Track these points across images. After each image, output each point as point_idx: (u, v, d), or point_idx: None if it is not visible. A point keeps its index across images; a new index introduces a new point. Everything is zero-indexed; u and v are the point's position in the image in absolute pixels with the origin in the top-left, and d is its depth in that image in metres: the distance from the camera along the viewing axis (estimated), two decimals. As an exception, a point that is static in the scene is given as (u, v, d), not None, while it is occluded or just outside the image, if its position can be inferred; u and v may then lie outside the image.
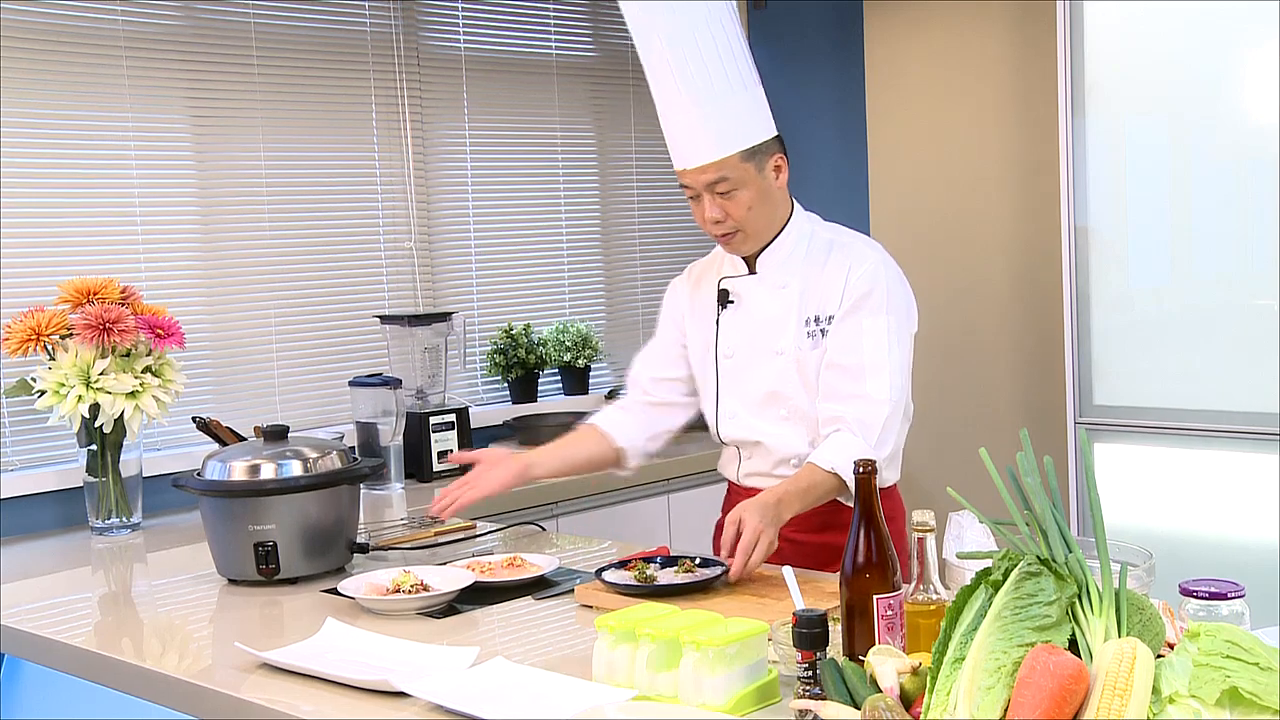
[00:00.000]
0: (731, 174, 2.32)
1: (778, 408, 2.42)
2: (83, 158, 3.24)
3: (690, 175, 2.34)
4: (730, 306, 2.47)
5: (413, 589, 2.18)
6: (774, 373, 2.41)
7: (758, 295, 2.44)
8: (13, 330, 2.92)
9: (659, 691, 1.63)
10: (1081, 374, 3.39)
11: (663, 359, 2.60)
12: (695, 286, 2.57)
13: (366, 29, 3.76)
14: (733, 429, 2.48)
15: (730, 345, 2.46)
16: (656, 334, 2.64)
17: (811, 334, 2.39)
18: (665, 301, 2.64)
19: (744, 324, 2.45)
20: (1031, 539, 1.45)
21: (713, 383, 2.50)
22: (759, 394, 2.43)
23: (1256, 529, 3.10)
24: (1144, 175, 3.31)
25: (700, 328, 2.53)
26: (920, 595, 1.66)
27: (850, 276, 2.37)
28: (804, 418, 2.40)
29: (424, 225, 3.88)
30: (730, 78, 2.33)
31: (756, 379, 2.44)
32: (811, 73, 4.54)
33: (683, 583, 2.14)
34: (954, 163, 4.00)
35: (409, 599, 2.15)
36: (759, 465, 2.48)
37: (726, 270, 2.50)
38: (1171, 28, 3.21)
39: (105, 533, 2.99)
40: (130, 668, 2.01)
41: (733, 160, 2.31)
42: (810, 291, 2.40)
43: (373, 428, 3.42)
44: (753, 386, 2.44)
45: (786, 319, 2.40)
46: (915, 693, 1.44)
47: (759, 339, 2.43)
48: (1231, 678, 1.26)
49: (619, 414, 2.60)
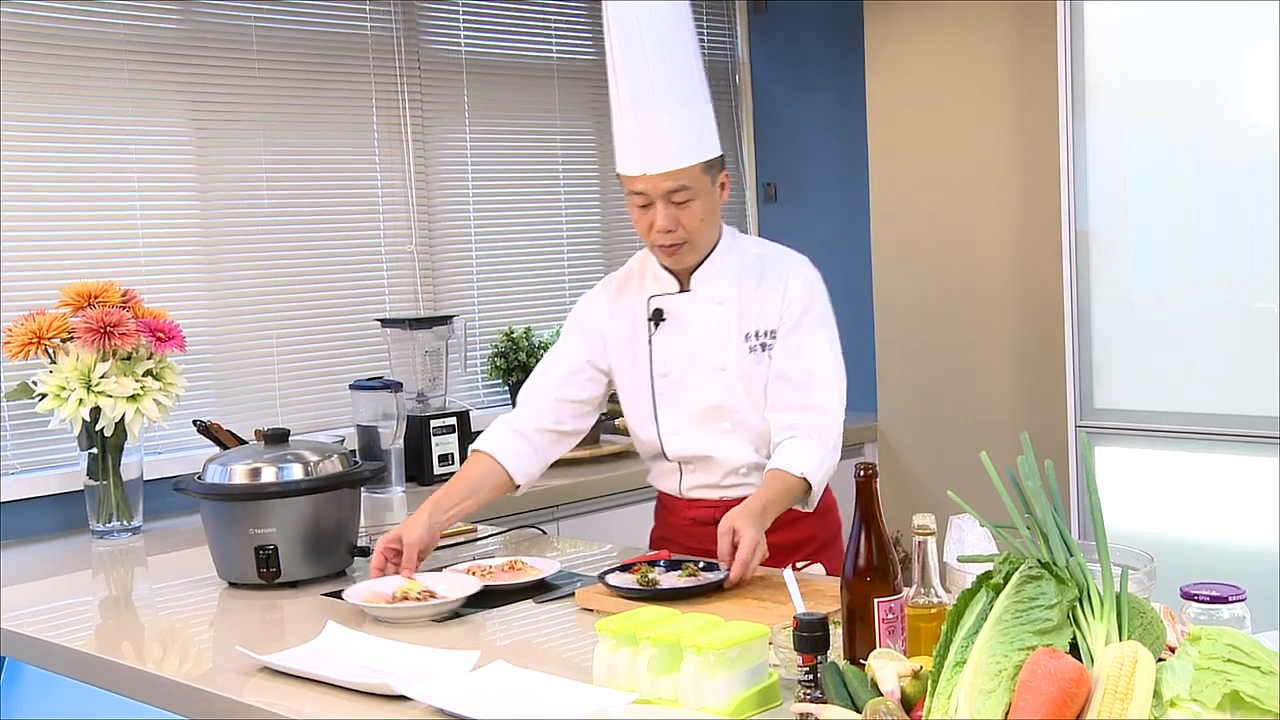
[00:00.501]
0: (693, 183, 2.32)
1: (721, 421, 2.44)
2: (84, 161, 3.24)
3: (650, 181, 2.31)
4: (664, 324, 2.45)
5: (421, 596, 2.17)
6: (717, 388, 2.42)
7: (693, 312, 2.43)
8: (14, 334, 2.92)
9: (660, 695, 1.63)
10: (1082, 377, 3.39)
11: (572, 380, 2.50)
12: (614, 303, 2.52)
13: (367, 32, 3.76)
14: (679, 445, 2.47)
15: (666, 363, 2.45)
16: (562, 351, 2.53)
17: (753, 349, 2.41)
18: (577, 318, 2.55)
19: (681, 341, 2.44)
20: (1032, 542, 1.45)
21: (648, 401, 2.48)
22: (699, 409, 2.44)
23: (1257, 532, 3.10)
24: (1144, 178, 3.31)
25: (626, 346, 2.49)
26: (921, 599, 1.66)
27: (788, 292, 2.42)
28: (748, 429, 2.44)
29: (425, 228, 3.89)
30: (696, 89, 2.34)
31: (697, 395, 2.44)
32: (812, 76, 4.54)
33: (685, 586, 2.14)
34: (954, 166, 4.00)
35: (419, 606, 2.13)
36: (706, 478, 2.49)
37: (653, 288, 2.47)
38: (1172, 30, 3.21)
39: (106, 536, 2.99)
40: (131, 671, 2.01)
41: (696, 170, 2.32)
42: (748, 306, 2.42)
43: (373, 431, 3.42)
44: (693, 403, 2.44)
45: (727, 335, 2.42)
46: (916, 696, 1.44)
47: (699, 356, 2.43)
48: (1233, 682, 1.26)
49: (518, 443, 2.46)
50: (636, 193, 2.34)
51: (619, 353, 2.50)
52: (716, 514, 2.47)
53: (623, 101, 2.33)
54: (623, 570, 2.22)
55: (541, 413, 2.49)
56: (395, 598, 2.17)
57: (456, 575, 2.29)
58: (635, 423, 2.52)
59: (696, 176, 2.32)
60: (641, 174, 2.32)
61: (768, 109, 4.67)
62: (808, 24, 4.54)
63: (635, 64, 2.30)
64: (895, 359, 4.19)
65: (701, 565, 2.21)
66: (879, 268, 4.21)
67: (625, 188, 2.37)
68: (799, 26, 4.56)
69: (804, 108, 4.56)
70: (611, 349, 2.51)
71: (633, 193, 2.35)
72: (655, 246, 2.39)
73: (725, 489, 2.48)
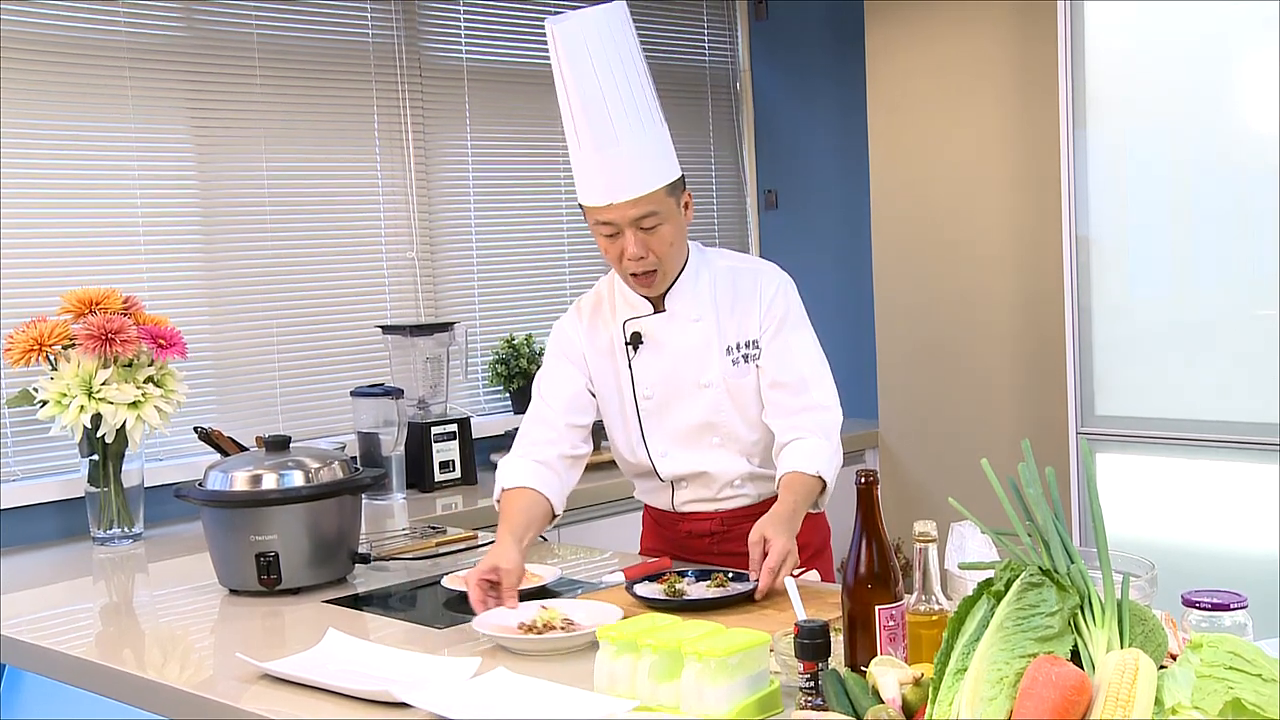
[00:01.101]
0: (660, 208, 2.30)
1: (710, 437, 2.44)
2: (85, 168, 3.25)
3: (617, 210, 2.29)
4: (642, 347, 2.44)
5: (564, 625, 2.00)
6: (703, 405, 2.42)
7: (670, 332, 2.43)
8: (15, 340, 2.92)
9: (661, 702, 1.63)
10: (1083, 384, 3.39)
11: (576, 404, 2.47)
12: (590, 328, 2.49)
13: (369, 40, 3.76)
14: (672, 465, 2.47)
15: (649, 385, 2.44)
16: (558, 379, 2.48)
17: (735, 361, 2.42)
18: (559, 346, 2.51)
19: (661, 363, 2.43)
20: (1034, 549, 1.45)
21: (634, 424, 2.47)
22: (687, 427, 2.44)
23: (1258, 539, 3.10)
24: (1145, 184, 3.31)
25: (606, 370, 2.48)
26: (922, 606, 1.65)
27: (763, 300, 2.43)
28: (738, 441, 2.44)
29: (426, 235, 3.89)
30: (651, 112, 2.32)
31: (682, 414, 2.44)
32: (813, 83, 4.54)
33: (714, 597, 2.12)
34: (955, 173, 4.01)
35: (568, 637, 1.95)
36: (701, 493, 2.49)
37: (626, 311, 2.46)
38: (1173, 36, 3.21)
39: (107, 543, 2.99)
40: (131, 678, 2.01)
41: (660, 194, 2.30)
42: (726, 320, 2.43)
43: (374, 438, 3.42)
44: (680, 422, 2.44)
45: (708, 351, 2.42)
46: (917, 703, 1.44)
47: (680, 375, 2.43)
48: (1234, 689, 1.26)
49: (546, 473, 2.41)
50: (603, 223, 2.32)
51: (600, 378, 2.48)
52: (714, 525, 2.47)
53: (581, 135, 2.29)
54: (650, 580, 2.21)
55: (558, 440, 2.44)
56: (535, 627, 2.00)
57: (589, 602, 2.13)
58: (623, 446, 2.51)
59: (661, 200, 2.30)
60: (608, 204, 2.29)
61: (768, 116, 4.67)
62: (809, 31, 4.54)
63: (590, 96, 2.26)
64: (896, 366, 4.19)
65: (730, 575, 2.20)
66: (880, 274, 4.21)
67: (590, 219, 2.35)
68: (800, 33, 4.57)
69: (805, 114, 4.57)
70: (594, 374, 2.49)
71: (599, 223, 2.33)
72: (629, 276, 2.37)
73: (720, 500, 2.48)
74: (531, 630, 1.98)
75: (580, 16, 2.27)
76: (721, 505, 2.48)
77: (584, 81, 2.26)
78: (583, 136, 2.29)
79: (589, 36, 2.27)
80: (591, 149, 2.28)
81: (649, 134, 2.30)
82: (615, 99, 2.27)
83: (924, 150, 4.07)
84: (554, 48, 2.29)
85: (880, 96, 4.15)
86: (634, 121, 2.28)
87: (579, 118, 2.28)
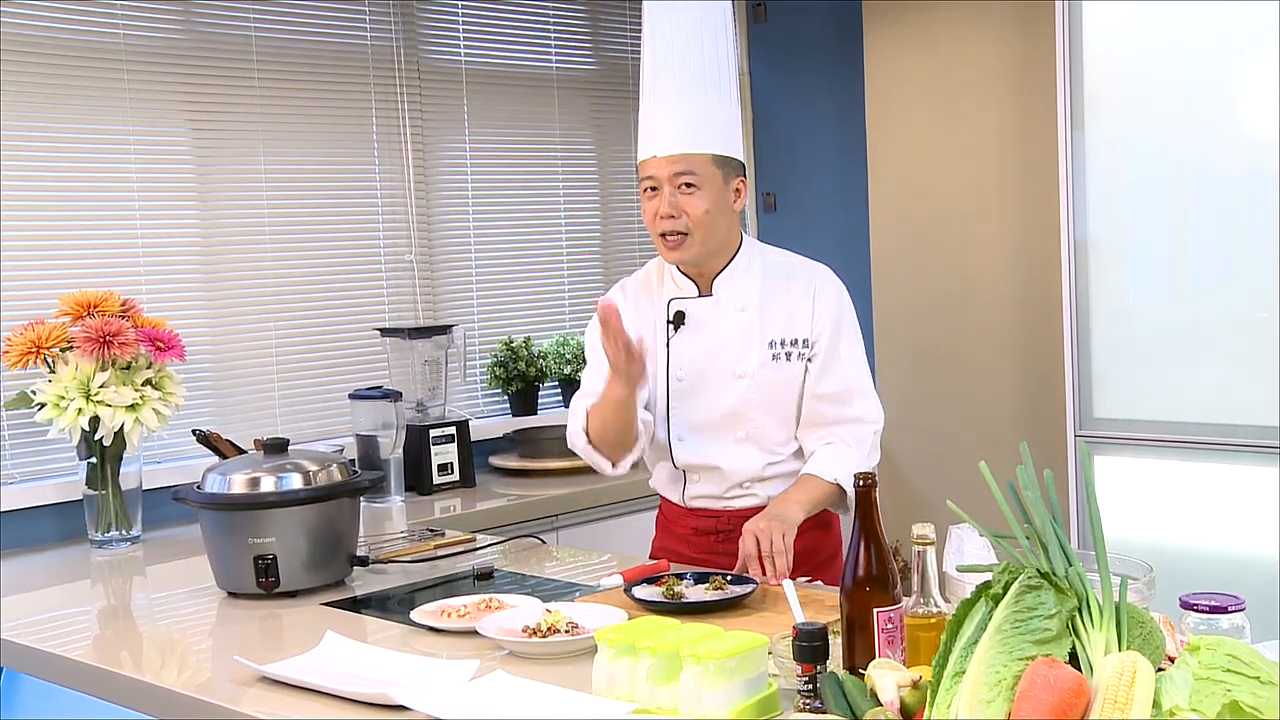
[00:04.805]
0: (700, 171, 2.33)
1: (736, 429, 2.44)
2: (83, 170, 3.25)
3: (657, 164, 2.34)
4: (683, 328, 2.45)
5: (569, 629, 1.97)
6: (734, 395, 2.42)
7: (714, 317, 2.44)
8: (13, 343, 2.92)
9: (659, 705, 1.63)
10: (1081, 387, 3.39)
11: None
12: (634, 306, 2.51)
13: (367, 42, 3.76)
14: (687, 453, 2.47)
15: (683, 367, 2.45)
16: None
17: (776, 356, 2.42)
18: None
19: (699, 346, 2.44)
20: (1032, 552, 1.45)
21: (662, 404, 2.47)
22: (715, 416, 2.44)
23: (1257, 542, 3.10)
24: (1143, 187, 3.31)
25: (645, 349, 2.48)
26: (920, 608, 1.66)
27: (817, 302, 2.43)
28: (761, 438, 2.44)
29: (424, 238, 3.89)
30: (722, 89, 2.38)
31: (712, 401, 2.44)
32: (812, 86, 4.55)
33: (712, 600, 2.11)
34: (954, 176, 4.01)
35: (571, 640, 1.93)
36: (708, 489, 2.49)
37: (673, 291, 2.47)
38: (1171, 38, 3.21)
39: (105, 546, 2.99)
40: (130, 681, 2.01)
41: (705, 159, 2.34)
42: (772, 314, 2.43)
43: (373, 440, 3.42)
44: (707, 408, 2.44)
45: (749, 341, 2.42)
46: (915, 706, 1.44)
47: (717, 361, 2.43)
48: (1232, 692, 1.26)
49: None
50: (646, 177, 2.37)
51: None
52: (718, 524, 2.47)
53: (646, 85, 2.38)
54: (648, 583, 2.20)
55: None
56: (539, 631, 1.97)
57: (594, 605, 2.08)
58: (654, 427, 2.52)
59: (705, 166, 2.33)
60: (651, 156, 2.35)
61: (767, 118, 4.67)
62: (807, 34, 4.54)
63: (667, 49, 2.35)
64: (894, 368, 4.19)
65: (729, 578, 2.20)
66: (878, 277, 4.21)
67: (640, 176, 2.40)
68: (798, 36, 4.57)
69: (803, 117, 4.57)
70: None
71: (644, 178, 2.38)
72: (658, 236, 2.39)
73: (727, 500, 2.48)
74: (536, 633, 1.97)
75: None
76: (729, 504, 2.47)
77: (665, 35, 2.35)
78: (647, 85, 2.38)
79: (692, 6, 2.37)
80: (653, 99, 2.36)
81: (713, 103, 2.36)
82: (690, 57, 2.34)
83: (922, 153, 4.08)
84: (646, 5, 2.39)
85: (879, 99, 4.16)
86: (701, 84, 2.34)
87: (652, 69, 2.37)
